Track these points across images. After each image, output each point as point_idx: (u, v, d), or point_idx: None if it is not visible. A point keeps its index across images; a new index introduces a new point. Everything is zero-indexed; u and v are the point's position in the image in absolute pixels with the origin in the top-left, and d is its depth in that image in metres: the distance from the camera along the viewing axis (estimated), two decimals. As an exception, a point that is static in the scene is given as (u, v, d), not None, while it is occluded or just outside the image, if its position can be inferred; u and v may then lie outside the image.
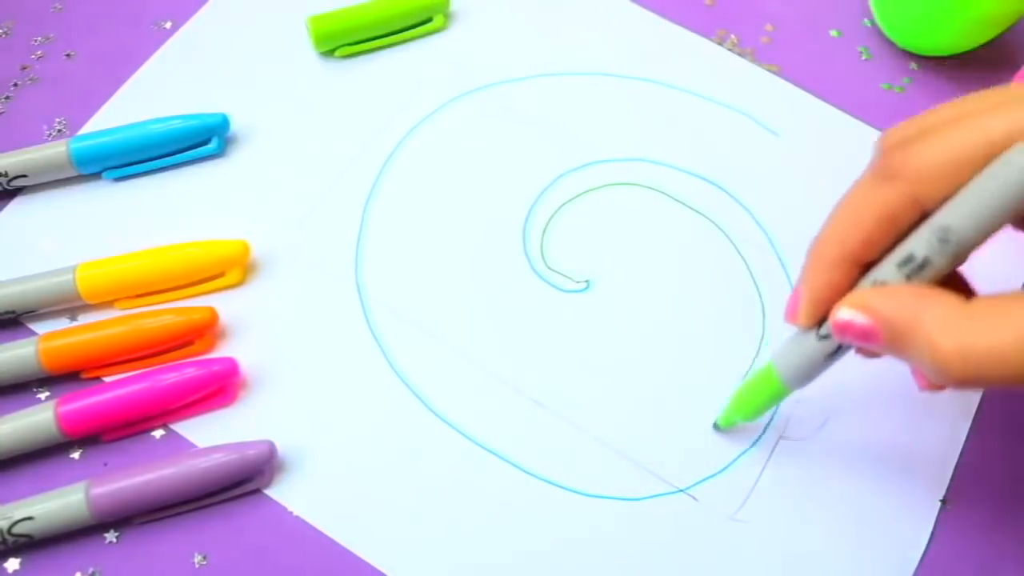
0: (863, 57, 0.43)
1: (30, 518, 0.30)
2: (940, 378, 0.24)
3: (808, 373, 0.29)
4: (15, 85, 0.40)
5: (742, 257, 0.38)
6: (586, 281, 0.37)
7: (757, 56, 0.43)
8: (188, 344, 0.34)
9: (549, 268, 0.37)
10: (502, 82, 0.41)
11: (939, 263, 0.24)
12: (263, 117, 0.40)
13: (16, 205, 0.38)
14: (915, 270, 0.25)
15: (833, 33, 0.44)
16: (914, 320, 0.24)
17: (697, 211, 0.39)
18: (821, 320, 0.28)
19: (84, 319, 0.35)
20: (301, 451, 0.33)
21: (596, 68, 0.42)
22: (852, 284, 0.27)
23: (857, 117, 0.41)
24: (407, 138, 0.40)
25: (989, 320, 0.23)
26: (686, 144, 0.40)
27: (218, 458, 0.31)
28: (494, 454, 0.34)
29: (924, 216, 0.25)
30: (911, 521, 0.33)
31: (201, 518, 0.32)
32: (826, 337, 0.28)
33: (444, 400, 0.34)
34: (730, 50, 0.43)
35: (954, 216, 0.24)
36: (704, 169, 0.40)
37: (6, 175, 0.36)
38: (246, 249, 0.36)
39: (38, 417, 0.32)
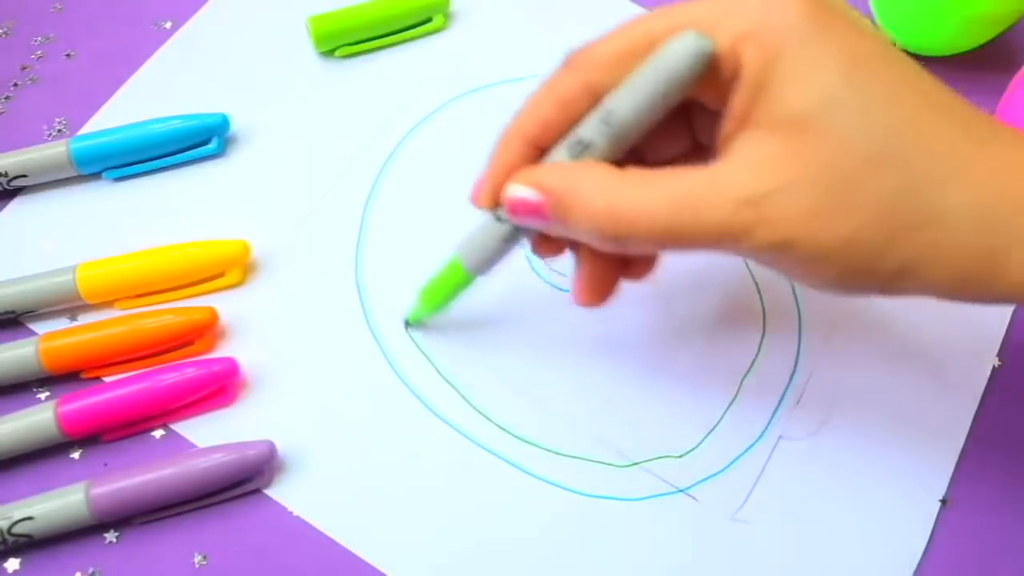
0: (863, 57, 0.43)
1: (30, 518, 0.30)
2: (597, 240, 0.26)
3: (489, 258, 0.30)
4: (15, 85, 0.40)
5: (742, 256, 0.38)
6: (586, 281, 0.37)
7: (757, 56, 0.43)
8: (188, 344, 0.34)
9: (550, 268, 0.37)
10: (502, 82, 0.41)
11: (601, 144, 0.26)
12: (263, 117, 0.40)
13: (16, 205, 0.38)
14: (582, 151, 0.27)
15: (833, 33, 0.44)
16: (572, 187, 0.26)
17: (697, 211, 0.39)
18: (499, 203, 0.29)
19: (84, 319, 0.35)
20: (301, 451, 0.33)
21: (596, 68, 0.42)
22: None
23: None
24: (407, 138, 0.40)
25: (639, 184, 0.25)
26: (686, 144, 0.40)
27: (218, 458, 0.31)
28: (494, 454, 0.34)
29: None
30: (911, 521, 0.33)
31: (201, 518, 0.32)
32: (502, 220, 0.29)
33: (444, 400, 0.34)
34: (730, 50, 0.43)
35: (616, 100, 0.26)
36: (704, 169, 0.39)
37: (6, 175, 0.36)
38: (246, 249, 0.36)
39: (38, 417, 0.32)
